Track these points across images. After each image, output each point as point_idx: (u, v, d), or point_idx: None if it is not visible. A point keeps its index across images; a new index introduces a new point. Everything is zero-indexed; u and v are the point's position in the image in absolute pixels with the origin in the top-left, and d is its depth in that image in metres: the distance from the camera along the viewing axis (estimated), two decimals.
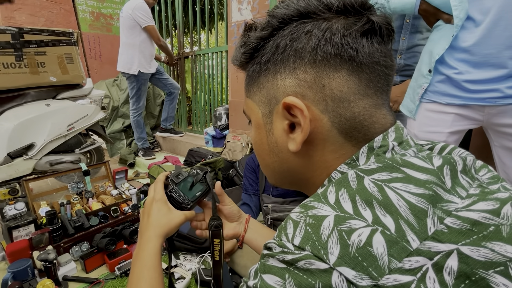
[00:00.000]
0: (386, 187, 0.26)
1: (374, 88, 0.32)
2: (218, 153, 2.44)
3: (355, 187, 0.27)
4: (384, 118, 0.33)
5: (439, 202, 0.25)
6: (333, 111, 0.31)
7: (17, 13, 3.34)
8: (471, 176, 0.30)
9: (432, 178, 0.27)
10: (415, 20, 1.24)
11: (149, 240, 0.49)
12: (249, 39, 0.35)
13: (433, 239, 0.23)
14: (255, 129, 0.39)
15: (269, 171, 0.41)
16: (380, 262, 0.23)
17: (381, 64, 0.31)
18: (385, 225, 0.24)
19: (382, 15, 0.31)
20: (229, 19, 2.44)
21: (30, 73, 1.76)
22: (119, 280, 1.20)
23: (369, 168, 0.29)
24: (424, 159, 0.29)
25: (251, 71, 0.37)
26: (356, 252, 0.23)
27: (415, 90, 0.99)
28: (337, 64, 0.30)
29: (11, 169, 1.76)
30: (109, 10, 4.05)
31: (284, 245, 0.26)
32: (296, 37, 0.31)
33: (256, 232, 0.62)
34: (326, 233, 0.24)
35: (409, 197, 0.25)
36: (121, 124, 3.22)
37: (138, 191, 1.85)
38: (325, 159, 0.34)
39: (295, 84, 0.32)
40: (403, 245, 0.23)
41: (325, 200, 0.28)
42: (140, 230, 0.53)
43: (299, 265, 0.24)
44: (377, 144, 0.31)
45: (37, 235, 1.24)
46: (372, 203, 0.25)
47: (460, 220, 0.24)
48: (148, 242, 0.49)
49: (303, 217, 0.27)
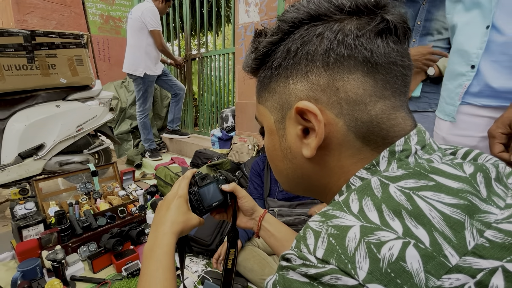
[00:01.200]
0: (415, 195, 0.24)
1: (391, 90, 0.30)
2: (225, 155, 2.44)
3: (380, 195, 0.25)
4: (403, 120, 0.31)
5: (476, 213, 0.23)
6: (348, 115, 0.30)
7: (29, 16, 3.42)
8: (504, 184, 0.28)
9: (466, 187, 0.25)
10: (426, 22, 1.22)
11: (165, 236, 0.49)
12: (259, 44, 0.34)
13: (473, 254, 0.21)
14: (268, 135, 0.38)
15: (282, 178, 0.39)
16: (416, 279, 0.21)
17: (398, 64, 0.30)
18: (418, 237, 0.22)
19: (397, 14, 0.30)
20: (236, 21, 2.45)
21: (41, 74, 1.79)
22: (126, 281, 1.21)
23: (395, 175, 0.27)
24: (454, 166, 0.27)
25: (262, 76, 0.36)
26: (388, 267, 0.21)
27: (452, 91, 0.92)
28: (351, 65, 0.29)
29: (21, 169, 1.79)
30: (118, 13, 4.11)
31: (305, 257, 0.24)
32: (308, 40, 0.31)
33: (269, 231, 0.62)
34: (352, 245, 0.23)
35: (442, 207, 0.23)
36: (128, 125, 3.26)
37: (145, 192, 1.86)
38: (341, 164, 0.32)
39: (307, 88, 0.31)
40: (441, 261, 0.21)
41: (347, 209, 0.26)
42: (155, 221, 0.52)
43: (324, 280, 0.23)
44: (398, 148, 0.30)
45: (46, 234, 1.26)
46: (401, 213, 0.23)
47: (502, 233, 0.22)
48: (164, 237, 0.48)
49: (324, 227, 0.25)
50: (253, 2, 2.26)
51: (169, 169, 2.15)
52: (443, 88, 0.99)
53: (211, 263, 1.33)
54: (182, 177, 0.58)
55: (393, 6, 0.30)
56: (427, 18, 1.22)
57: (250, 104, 2.48)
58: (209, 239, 1.37)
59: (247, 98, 2.50)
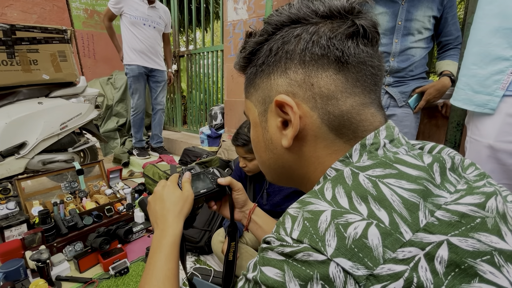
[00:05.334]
0: (380, 182, 0.28)
1: (361, 87, 0.34)
2: (214, 153, 2.44)
3: (351, 183, 0.29)
4: (372, 116, 0.34)
5: (429, 197, 0.27)
6: (322, 108, 0.33)
7: (8, 9, 3.28)
8: (458, 173, 0.32)
9: (423, 174, 0.28)
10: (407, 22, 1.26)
11: (171, 226, 0.50)
12: (247, 44, 0.38)
13: (424, 230, 0.25)
14: (253, 128, 0.42)
15: (265, 168, 0.43)
16: (375, 253, 0.24)
17: (368, 64, 0.33)
18: (380, 218, 0.25)
19: (368, 19, 0.33)
20: (225, 19, 2.44)
21: (22, 70, 1.73)
22: (113, 280, 1.20)
23: (364, 165, 0.30)
24: (415, 156, 0.30)
25: (249, 73, 0.39)
26: (353, 244, 0.24)
27: (487, 78, 0.76)
28: (324, 64, 0.33)
29: (2, 168, 1.73)
30: (103, 8, 3.99)
31: (282, 238, 0.27)
32: (287, 40, 0.34)
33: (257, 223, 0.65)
34: (323, 226, 0.26)
35: (402, 192, 0.27)
36: (115, 123, 3.19)
37: (133, 191, 1.84)
38: (317, 155, 0.36)
39: (286, 83, 0.35)
40: (397, 237, 0.24)
41: (322, 196, 0.29)
42: (155, 216, 0.53)
43: (297, 257, 0.25)
44: (369, 141, 0.33)
45: (29, 234, 1.23)
46: (367, 198, 0.27)
47: (450, 213, 0.26)
48: (170, 227, 0.50)
49: (301, 212, 0.28)
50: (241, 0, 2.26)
51: (158, 167, 2.13)
52: (466, 74, 0.83)
53: (200, 260, 1.34)
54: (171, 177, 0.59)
55: (365, 13, 0.33)
56: (407, 18, 1.26)
57: (239, 102, 2.49)
58: (198, 236, 1.38)
59: (236, 96, 2.50)
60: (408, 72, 1.32)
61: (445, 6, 1.27)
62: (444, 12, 1.29)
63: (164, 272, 0.46)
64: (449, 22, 1.31)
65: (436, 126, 1.64)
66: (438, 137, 1.61)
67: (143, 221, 1.63)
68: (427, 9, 1.24)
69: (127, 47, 2.62)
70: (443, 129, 1.58)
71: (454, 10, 1.30)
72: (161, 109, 2.90)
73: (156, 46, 2.70)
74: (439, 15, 1.28)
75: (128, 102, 3.30)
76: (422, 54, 1.30)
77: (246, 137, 1.16)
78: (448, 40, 1.35)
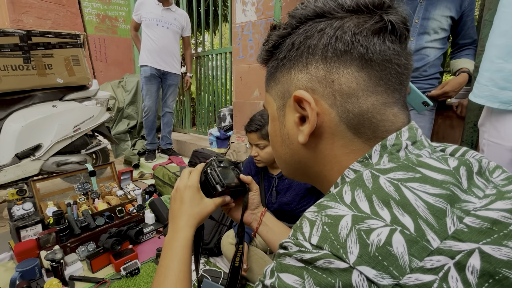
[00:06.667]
0: (403, 186, 0.26)
1: (384, 86, 0.32)
2: (222, 154, 2.44)
3: (371, 187, 0.27)
4: (394, 116, 0.33)
5: (457, 202, 0.25)
6: (341, 106, 0.32)
7: (24, 15, 3.39)
8: (486, 178, 0.30)
9: (449, 178, 0.27)
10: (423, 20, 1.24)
11: (182, 230, 0.51)
12: (270, 37, 0.37)
13: (453, 238, 0.23)
14: (271, 121, 0.42)
15: (281, 162, 0.42)
16: (400, 261, 0.23)
17: (393, 62, 0.32)
18: (404, 224, 0.24)
19: (398, 14, 0.31)
20: (234, 21, 2.45)
21: (38, 75, 1.79)
22: (124, 280, 1.21)
23: (385, 168, 0.29)
24: (439, 160, 0.29)
25: (270, 67, 0.39)
26: (376, 251, 0.23)
27: None
28: (347, 60, 0.31)
29: (18, 169, 1.78)
30: (114, 13, 4.09)
31: (301, 244, 0.26)
32: (310, 35, 0.33)
33: (268, 226, 0.64)
34: (344, 232, 0.25)
35: (427, 197, 0.25)
36: (126, 125, 3.25)
37: (143, 192, 1.86)
38: (334, 153, 0.35)
39: (306, 79, 0.34)
40: (424, 245, 0.23)
41: (341, 200, 0.28)
42: (172, 214, 0.54)
43: (318, 264, 0.24)
44: (390, 142, 0.31)
45: (44, 235, 1.26)
46: (390, 203, 0.25)
47: (480, 219, 0.24)
48: (181, 231, 0.50)
49: (319, 217, 0.27)
50: (249, 1, 2.27)
51: (167, 169, 2.15)
52: (490, 68, 0.78)
53: (210, 262, 1.34)
54: (194, 169, 0.57)
55: (395, 7, 0.32)
56: (424, 16, 1.23)
57: (248, 103, 2.49)
58: (208, 238, 1.38)
59: (245, 97, 2.50)
60: (422, 72, 1.29)
61: (465, 9, 1.25)
62: (463, 15, 1.27)
63: (176, 275, 0.45)
64: (468, 26, 1.29)
65: (450, 127, 1.60)
66: (453, 138, 1.57)
67: (153, 222, 1.65)
68: (445, 9, 1.22)
69: (142, 48, 2.70)
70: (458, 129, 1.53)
71: (473, 13, 1.29)
72: (170, 112, 2.92)
73: (170, 47, 2.71)
74: (457, 17, 1.26)
75: (138, 104, 3.35)
76: (436, 55, 1.28)
77: (259, 122, 1.14)
78: (465, 43, 1.34)
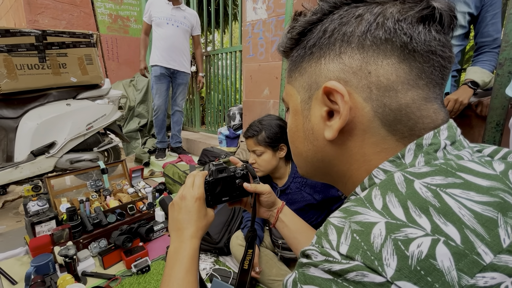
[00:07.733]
0: (443, 193, 0.23)
1: (426, 79, 0.29)
2: (232, 153, 2.44)
3: (405, 191, 0.24)
4: (434, 113, 0.30)
5: (509, 211, 0.22)
6: (377, 100, 0.29)
7: (40, 16, 3.49)
8: None
9: (497, 184, 0.24)
10: None
11: (190, 240, 0.50)
12: (296, 23, 0.34)
13: (509, 252, 0.20)
14: (292, 115, 0.38)
15: (301, 160, 0.39)
16: (448, 277, 0.20)
17: (438, 54, 0.29)
18: (448, 235, 0.21)
19: (444, 2, 0.28)
20: (244, 19, 2.43)
21: (53, 73, 1.82)
22: (135, 277, 1.22)
23: (420, 171, 0.26)
24: (483, 164, 0.26)
25: (295, 56, 0.35)
26: (418, 265, 0.20)
27: None
28: (388, 50, 0.29)
29: (34, 166, 1.83)
30: (126, 13, 4.15)
31: (328, 253, 0.23)
32: (346, 21, 0.30)
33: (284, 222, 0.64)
34: (378, 242, 0.22)
35: (472, 205, 0.22)
36: (137, 124, 3.29)
37: (154, 190, 1.88)
38: (364, 152, 0.31)
39: (339, 69, 0.31)
40: (474, 259, 0.20)
41: (370, 205, 0.25)
42: (177, 225, 0.52)
43: (349, 277, 0.22)
44: (426, 141, 0.28)
45: (58, 230, 1.28)
46: (428, 210, 0.22)
47: None
48: (189, 241, 0.50)
49: (347, 223, 0.24)
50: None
51: (177, 167, 2.16)
52: None
53: (219, 261, 1.33)
54: (197, 174, 0.57)
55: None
56: None
57: (257, 102, 2.47)
58: (217, 237, 1.38)
59: (254, 96, 2.49)
60: None
61: (485, 3, 1.15)
62: (482, 10, 1.16)
63: (184, 286, 0.44)
64: (487, 22, 1.18)
65: (469, 126, 1.54)
66: (472, 137, 1.51)
67: (163, 220, 1.66)
68: (463, 4, 1.15)
69: (153, 48, 2.72)
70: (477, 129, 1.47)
71: (495, 9, 1.17)
72: (179, 111, 2.94)
73: (180, 45, 2.73)
74: (477, 13, 1.17)
75: (149, 103, 3.39)
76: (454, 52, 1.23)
77: (257, 128, 1.14)
78: (484, 42, 1.22)
